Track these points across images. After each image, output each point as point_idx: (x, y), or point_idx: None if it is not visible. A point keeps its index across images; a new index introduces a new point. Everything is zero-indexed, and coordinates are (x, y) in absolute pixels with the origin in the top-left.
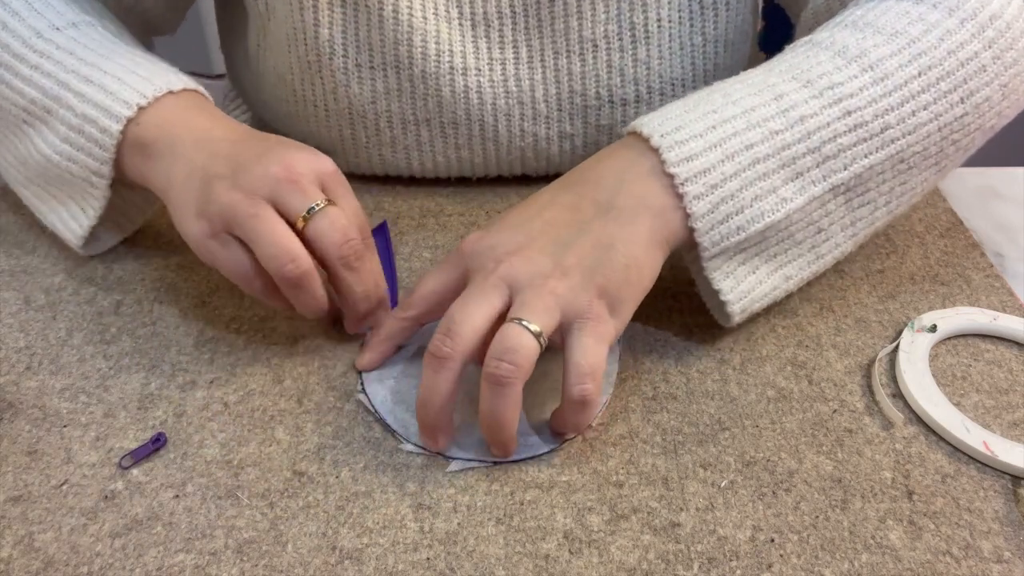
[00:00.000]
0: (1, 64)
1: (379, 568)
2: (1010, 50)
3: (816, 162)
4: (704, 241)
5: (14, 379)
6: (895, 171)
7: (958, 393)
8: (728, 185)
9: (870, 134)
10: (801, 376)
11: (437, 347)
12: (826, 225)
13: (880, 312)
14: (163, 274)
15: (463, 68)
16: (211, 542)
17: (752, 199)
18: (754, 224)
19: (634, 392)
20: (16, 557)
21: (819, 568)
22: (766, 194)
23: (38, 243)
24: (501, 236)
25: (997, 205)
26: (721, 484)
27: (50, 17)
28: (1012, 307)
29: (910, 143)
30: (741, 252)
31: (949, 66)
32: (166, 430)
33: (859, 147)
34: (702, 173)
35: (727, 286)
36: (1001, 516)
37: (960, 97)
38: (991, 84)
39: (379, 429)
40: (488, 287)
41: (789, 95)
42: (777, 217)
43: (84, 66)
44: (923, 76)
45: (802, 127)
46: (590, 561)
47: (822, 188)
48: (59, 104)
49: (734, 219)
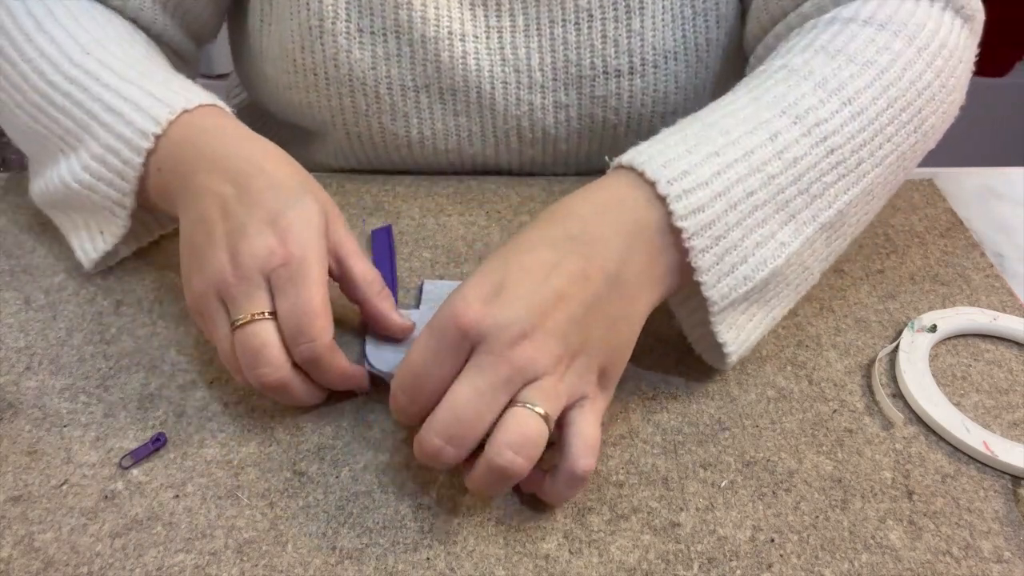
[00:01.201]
0: (38, 92)
1: (379, 568)
2: (951, 77)
3: (806, 203)
4: (712, 295)
5: (14, 379)
6: (864, 203)
7: (958, 393)
8: (731, 235)
9: (848, 170)
10: (801, 376)
11: (435, 453)
12: (811, 263)
13: (880, 312)
14: (163, 274)
15: (461, 34)
16: (211, 542)
17: (754, 247)
18: (759, 273)
19: (634, 392)
20: (16, 557)
21: (819, 568)
22: (766, 240)
23: (38, 243)
24: (510, 312)
25: (997, 205)
26: (721, 484)
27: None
28: (1012, 307)
29: (877, 175)
30: (745, 301)
31: (909, 97)
32: (166, 430)
33: (839, 184)
34: (708, 226)
35: (730, 337)
36: (1001, 516)
37: (915, 126)
38: (936, 112)
39: (379, 429)
40: (499, 382)
41: (782, 134)
42: (779, 263)
43: (108, 92)
44: (890, 109)
45: (795, 169)
46: (590, 561)
47: (812, 229)
48: (88, 132)
49: (740, 269)
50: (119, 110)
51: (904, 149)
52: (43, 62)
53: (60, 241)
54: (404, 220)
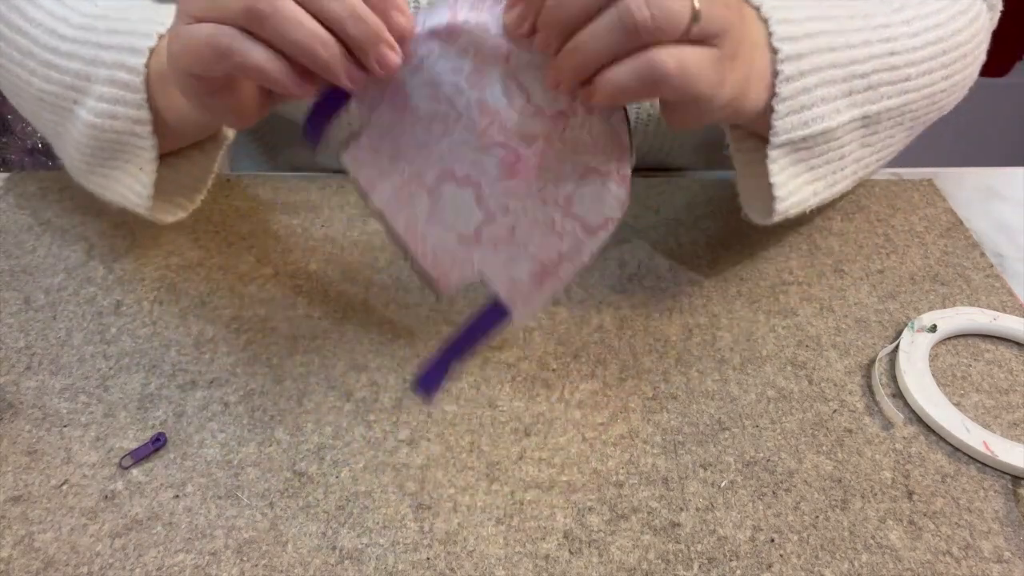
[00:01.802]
0: (48, 49)
1: (379, 568)
2: (977, 48)
3: (863, 87)
4: (778, 125)
5: (14, 379)
6: (894, 122)
7: (958, 393)
8: (810, 78)
9: (897, 79)
10: (801, 376)
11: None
12: (847, 153)
13: (880, 312)
14: (163, 274)
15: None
16: (211, 542)
17: (819, 100)
18: (816, 124)
19: (634, 392)
20: (16, 557)
21: (819, 568)
22: (829, 100)
23: (38, 243)
24: None
25: (997, 205)
26: (721, 484)
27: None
28: (1012, 307)
29: (912, 99)
30: (797, 151)
31: (950, 44)
32: (166, 430)
33: (887, 88)
34: (797, 57)
35: (780, 180)
36: (1001, 516)
37: (947, 73)
38: (963, 71)
39: (379, 429)
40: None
41: (857, 19)
42: (831, 125)
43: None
44: (934, 45)
45: (864, 51)
46: (590, 561)
47: (859, 112)
48: (95, 66)
49: (806, 113)
50: (122, 36)
51: (935, 91)
52: (54, 21)
53: (60, 241)
54: None
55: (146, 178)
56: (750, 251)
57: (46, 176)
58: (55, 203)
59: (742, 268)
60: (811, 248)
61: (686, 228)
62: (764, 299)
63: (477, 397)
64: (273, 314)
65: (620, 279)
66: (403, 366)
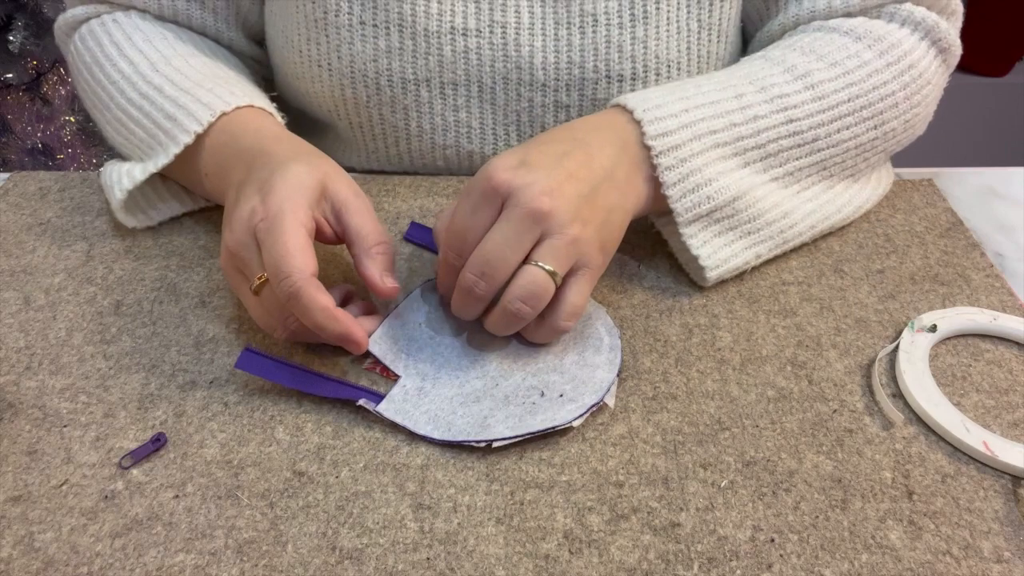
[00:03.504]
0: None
1: (379, 568)
2: (917, 93)
3: (760, 156)
4: (677, 207)
5: (14, 379)
6: (821, 176)
7: (958, 393)
8: (694, 160)
9: (804, 141)
10: (801, 376)
11: (470, 287)
12: (788, 208)
13: (880, 312)
14: (163, 274)
15: (463, 29)
16: (211, 542)
17: (716, 175)
18: (721, 195)
19: (634, 392)
20: (16, 557)
21: (819, 568)
22: (725, 173)
23: (38, 243)
24: (534, 176)
25: (997, 205)
26: (721, 484)
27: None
28: (1012, 307)
29: (833, 154)
30: (715, 223)
31: (871, 98)
32: (166, 430)
33: (794, 150)
34: (674, 148)
35: (704, 252)
36: (1001, 516)
37: (874, 124)
38: (899, 118)
39: (379, 429)
40: (524, 229)
41: (747, 96)
42: (737, 192)
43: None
44: (850, 102)
45: (754, 125)
46: (590, 561)
47: (767, 176)
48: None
49: (703, 190)
50: (173, 116)
51: (863, 141)
52: (123, 82)
53: (60, 241)
54: (404, 221)
55: (141, 174)
56: None
57: (46, 176)
58: (55, 203)
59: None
60: (811, 248)
61: None
62: (764, 299)
63: None
64: None
65: (620, 279)
66: None
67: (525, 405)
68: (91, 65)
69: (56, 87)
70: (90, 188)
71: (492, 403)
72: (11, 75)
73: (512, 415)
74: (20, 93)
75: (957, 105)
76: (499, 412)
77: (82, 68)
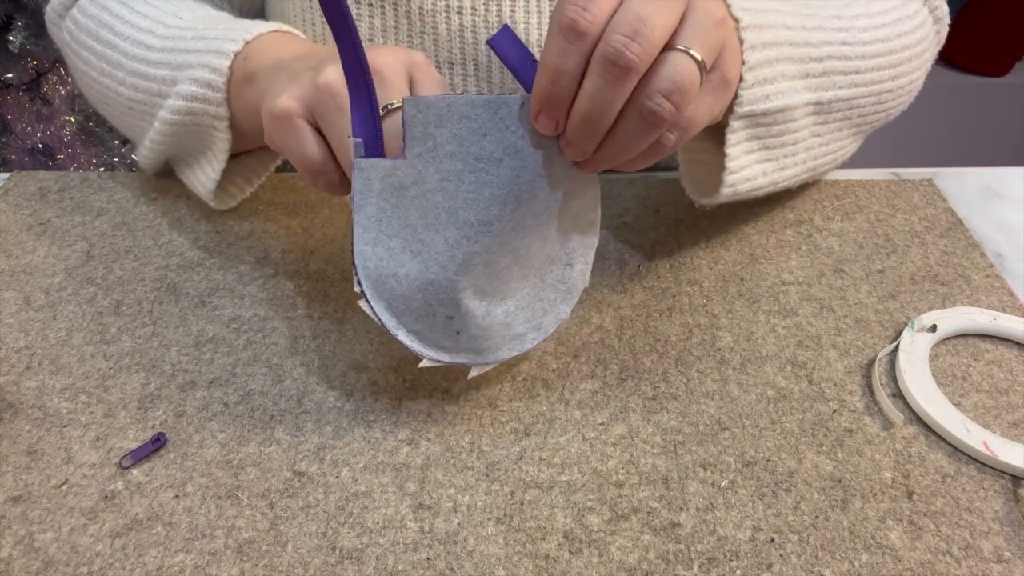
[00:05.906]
0: (137, 59)
1: (379, 568)
2: (919, 57)
3: (818, 72)
4: (744, 96)
5: (14, 379)
6: (843, 115)
7: (958, 393)
8: (767, 51)
9: (848, 69)
10: (801, 376)
11: (620, 50)
12: (800, 138)
13: (880, 312)
14: (163, 274)
15: (459, 7)
16: (211, 542)
17: (779, 75)
18: (776, 99)
19: (634, 392)
20: (16, 557)
21: (819, 568)
22: (788, 77)
23: (38, 243)
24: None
25: (997, 205)
26: (721, 484)
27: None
28: (1012, 307)
29: (860, 93)
30: (755, 127)
31: (894, 46)
32: (166, 430)
33: (839, 77)
34: (757, 28)
35: (734, 153)
36: (1001, 516)
37: (892, 75)
38: (906, 75)
39: (379, 429)
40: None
41: (812, 4)
42: (789, 103)
43: (197, 39)
44: (883, 43)
45: (818, 35)
46: (590, 561)
47: (813, 97)
48: (181, 69)
49: (768, 86)
50: (209, 41)
51: (881, 89)
52: (141, 34)
53: (60, 241)
54: None
55: (213, 170)
56: (750, 251)
57: (46, 176)
58: (55, 203)
59: (742, 268)
60: (811, 248)
61: (686, 228)
62: (764, 299)
63: (477, 397)
64: (273, 314)
65: (620, 279)
66: (403, 366)
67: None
68: (98, 30)
69: (56, 87)
70: (90, 188)
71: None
72: (11, 75)
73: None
74: (20, 93)
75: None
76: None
77: (85, 37)
